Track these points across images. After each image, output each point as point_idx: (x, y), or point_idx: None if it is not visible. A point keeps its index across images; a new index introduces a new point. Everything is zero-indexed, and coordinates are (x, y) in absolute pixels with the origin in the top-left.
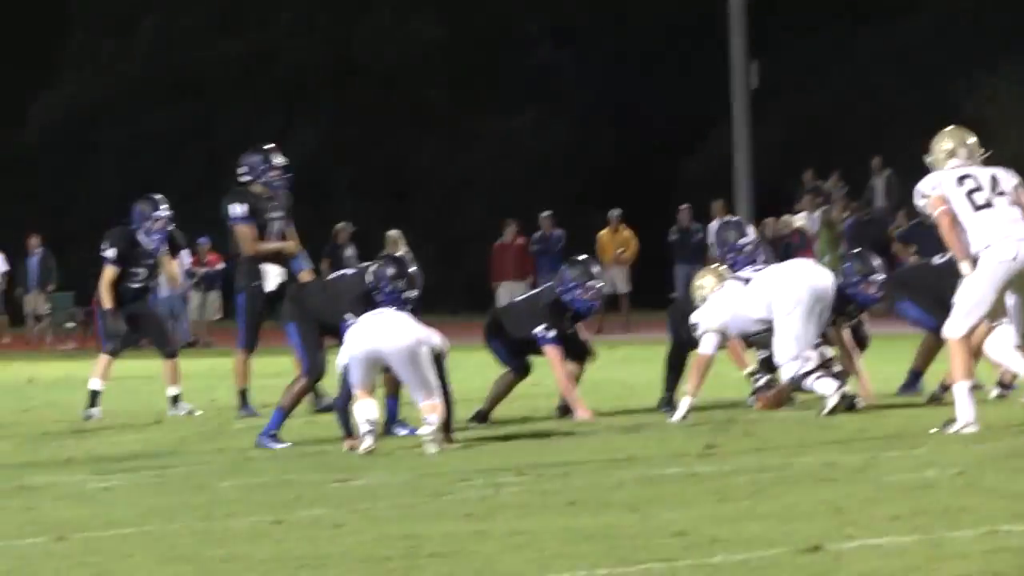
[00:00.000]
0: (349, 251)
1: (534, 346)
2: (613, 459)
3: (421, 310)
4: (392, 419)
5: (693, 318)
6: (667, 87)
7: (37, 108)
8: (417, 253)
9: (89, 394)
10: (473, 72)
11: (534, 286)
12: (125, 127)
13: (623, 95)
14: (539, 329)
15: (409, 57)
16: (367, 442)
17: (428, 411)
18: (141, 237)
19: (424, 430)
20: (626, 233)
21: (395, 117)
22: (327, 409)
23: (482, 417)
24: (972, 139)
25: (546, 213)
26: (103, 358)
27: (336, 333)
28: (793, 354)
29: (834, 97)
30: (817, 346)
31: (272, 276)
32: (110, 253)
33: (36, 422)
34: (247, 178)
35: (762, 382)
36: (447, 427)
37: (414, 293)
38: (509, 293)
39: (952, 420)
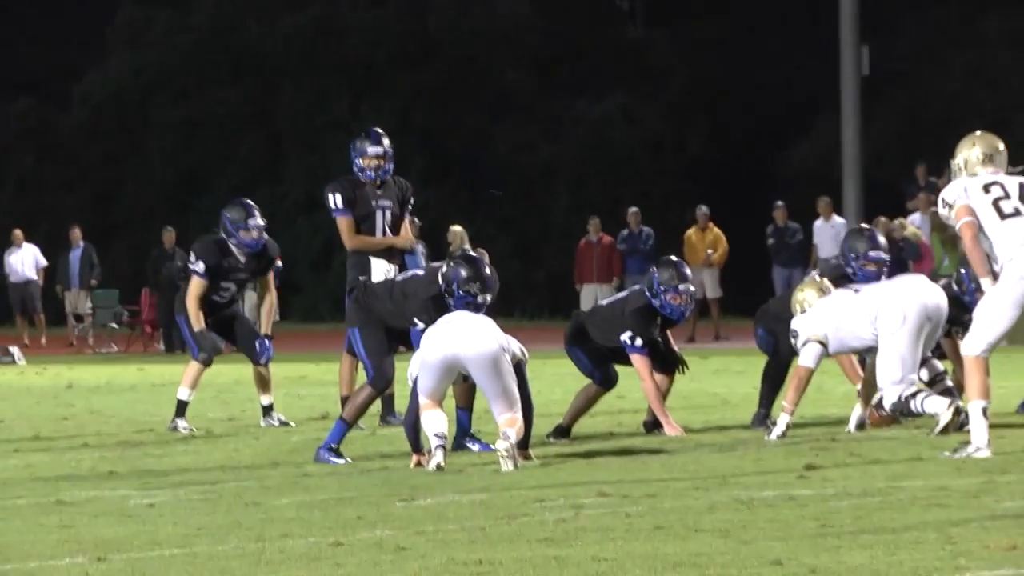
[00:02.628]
0: (419, 249)
1: (620, 355)
2: (704, 480)
3: (496, 313)
4: (464, 433)
5: (794, 325)
6: (769, 72)
7: (83, 88)
8: (493, 250)
9: (177, 404)
10: (558, 52)
11: (620, 289)
12: (177, 109)
13: (721, 80)
14: (625, 336)
15: (488, 34)
16: (436, 458)
17: (507, 424)
18: (232, 248)
19: (500, 445)
20: (715, 232)
21: (472, 101)
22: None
23: (563, 432)
24: (1002, 146)
25: (634, 209)
26: (194, 366)
27: (404, 339)
28: (897, 377)
29: (952, 85)
30: (926, 361)
31: (378, 271)
32: (200, 267)
33: (76, 432)
34: (355, 171)
35: (878, 397)
36: (524, 443)
37: (489, 297)
38: (593, 296)
39: (966, 443)
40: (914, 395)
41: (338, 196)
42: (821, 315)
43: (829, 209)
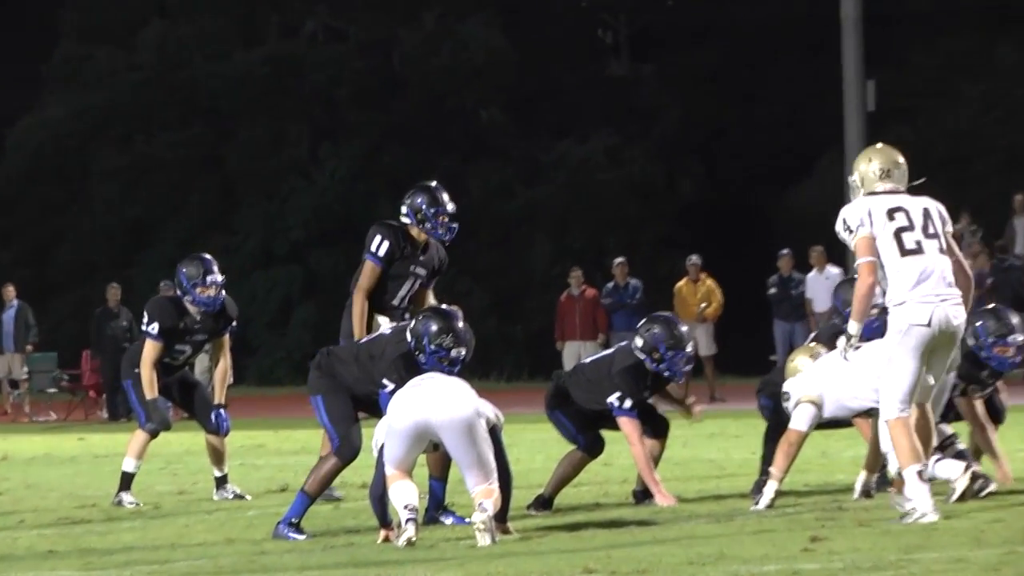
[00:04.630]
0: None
1: (606, 418)
2: (699, 554)
3: (471, 375)
4: (437, 505)
5: (786, 387)
6: (767, 109)
7: (16, 133)
8: (467, 305)
9: (122, 476)
10: (535, 89)
11: (607, 346)
12: (121, 154)
13: (714, 118)
14: (614, 398)
15: (459, 70)
16: (407, 532)
17: (483, 496)
18: (189, 307)
19: (476, 518)
20: (709, 284)
21: (442, 142)
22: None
23: (544, 503)
24: (901, 160)
25: (620, 259)
26: (140, 435)
27: (370, 405)
28: None
29: (966, 121)
30: (936, 424)
31: (381, 329)
32: (154, 329)
33: (11, 508)
34: (406, 220)
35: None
36: (503, 515)
37: (463, 352)
38: (576, 355)
39: (912, 511)
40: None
41: (385, 245)
42: (816, 375)
43: (822, 259)
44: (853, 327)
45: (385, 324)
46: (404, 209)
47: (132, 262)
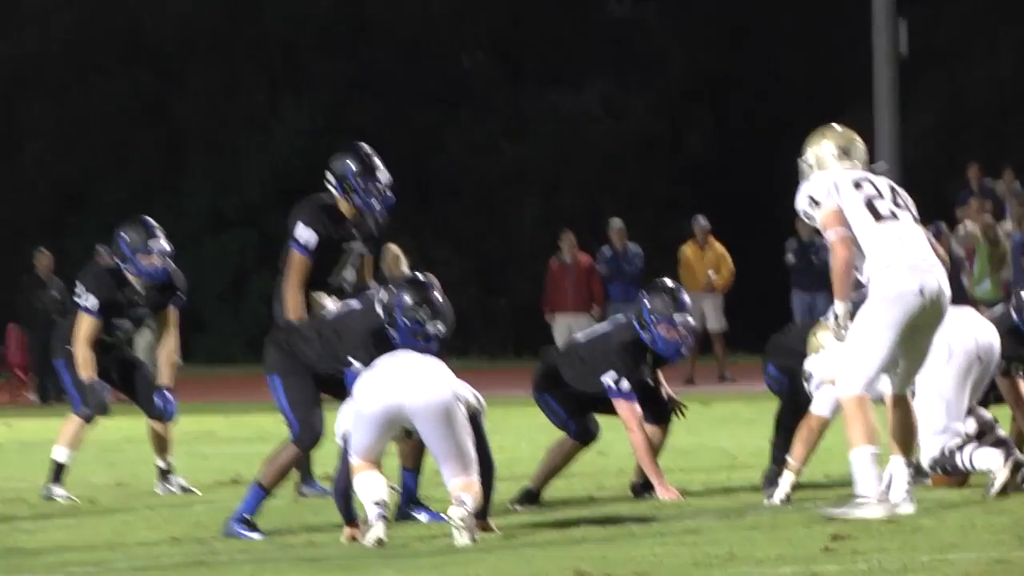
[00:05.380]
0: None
1: (601, 402)
2: (707, 555)
3: (449, 352)
4: (410, 499)
5: (807, 366)
6: (784, 54)
7: None
8: (446, 275)
9: (53, 467)
10: (524, 32)
11: (602, 320)
12: (53, 105)
13: (724, 64)
14: (608, 379)
15: (438, 11)
16: (375, 530)
17: (461, 489)
18: (130, 278)
19: (454, 513)
20: (718, 249)
21: (419, 92)
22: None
23: (531, 497)
24: (861, 142)
25: (618, 222)
26: (74, 421)
27: (334, 387)
28: (940, 426)
29: (1008, 68)
30: (972, 410)
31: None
32: (91, 302)
33: None
34: (334, 191)
35: (938, 451)
36: (484, 511)
37: (442, 328)
38: (568, 329)
39: (851, 497)
40: (960, 448)
41: (309, 235)
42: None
43: None
44: (840, 307)
45: (328, 303)
46: (329, 178)
47: (65, 226)
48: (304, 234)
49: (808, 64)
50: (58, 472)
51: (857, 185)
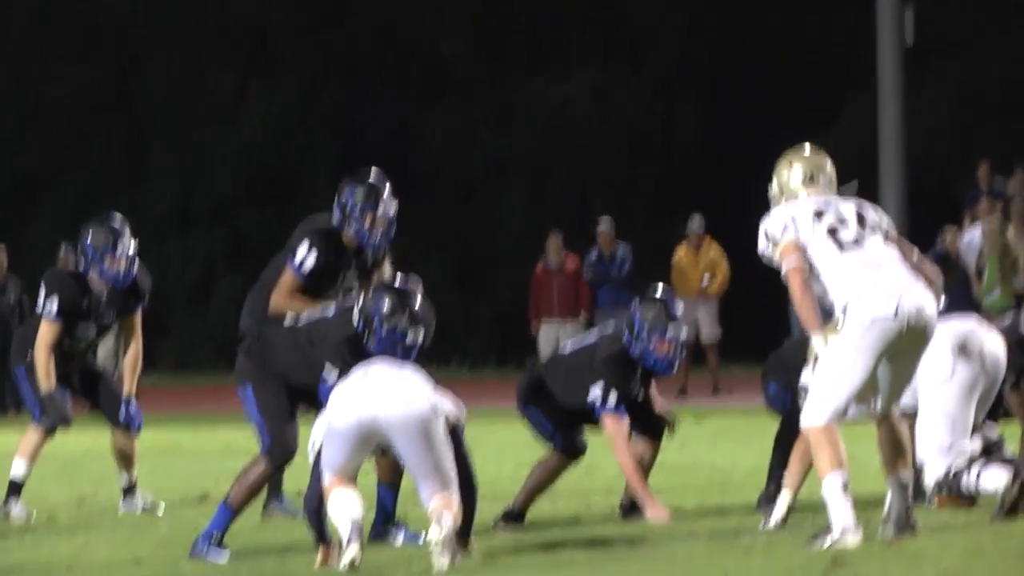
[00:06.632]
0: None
1: (589, 416)
2: None
3: (428, 361)
4: (386, 518)
5: (805, 379)
6: (783, 42)
7: None
8: (423, 277)
9: (9, 484)
10: (507, 16)
11: (590, 328)
12: (9, 93)
13: (720, 52)
14: (596, 392)
15: None
16: (349, 552)
17: (440, 508)
18: (94, 282)
19: (433, 534)
20: (714, 252)
21: (395, 79)
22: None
23: (515, 517)
24: (830, 166)
25: (605, 222)
26: (33, 433)
27: (309, 398)
28: (945, 444)
29: (1018, 56)
30: (977, 427)
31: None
32: (52, 307)
33: None
34: (337, 216)
35: (940, 472)
36: (465, 531)
37: (421, 334)
38: (554, 338)
39: (826, 530)
40: (967, 468)
41: (311, 260)
42: None
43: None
44: (817, 341)
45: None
46: (336, 200)
47: (21, 223)
48: (304, 256)
49: (809, 52)
50: (15, 488)
51: (818, 215)
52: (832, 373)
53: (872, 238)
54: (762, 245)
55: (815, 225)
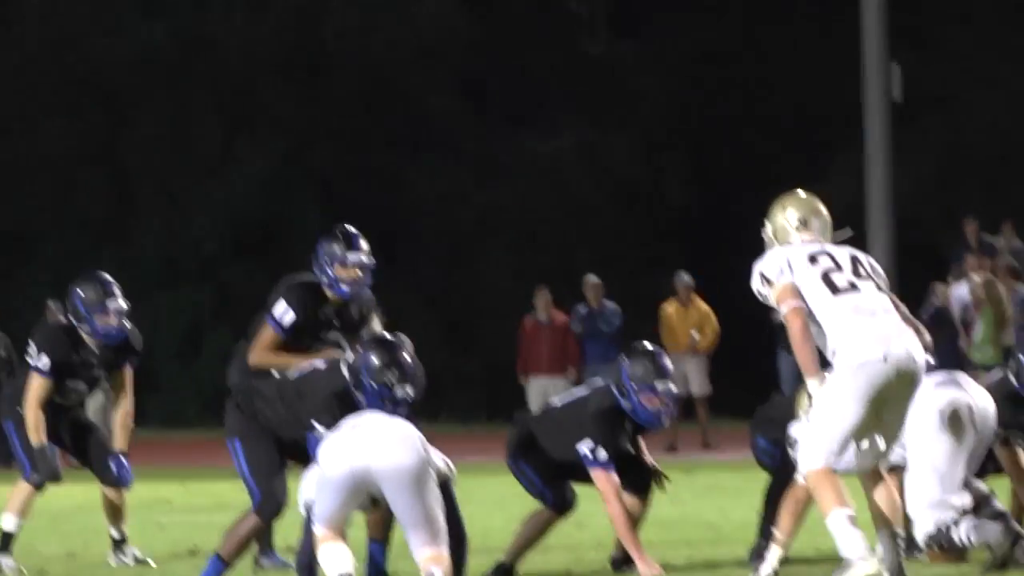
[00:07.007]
0: None
1: (578, 470)
2: None
3: (417, 415)
4: (377, 573)
5: (793, 432)
6: (770, 98)
7: None
8: (412, 333)
9: (0, 536)
10: (495, 70)
11: (579, 383)
12: None
13: (708, 107)
14: (585, 447)
15: (403, 47)
16: None
17: (431, 563)
18: (85, 338)
19: None
20: (702, 308)
21: (382, 134)
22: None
23: (505, 572)
24: (824, 212)
25: (593, 278)
26: (22, 487)
27: (298, 452)
28: (934, 500)
29: (1010, 112)
30: (967, 482)
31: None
32: (43, 363)
33: None
34: (317, 273)
35: (932, 526)
36: None
37: (411, 389)
38: (543, 393)
39: (846, 564)
40: (956, 523)
41: (290, 316)
42: None
43: None
44: (812, 384)
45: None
46: (316, 263)
47: (8, 277)
48: (284, 312)
49: (796, 108)
50: (6, 542)
51: (813, 259)
52: (825, 418)
53: (866, 284)
54: (756, 284)
55: (809, 268)
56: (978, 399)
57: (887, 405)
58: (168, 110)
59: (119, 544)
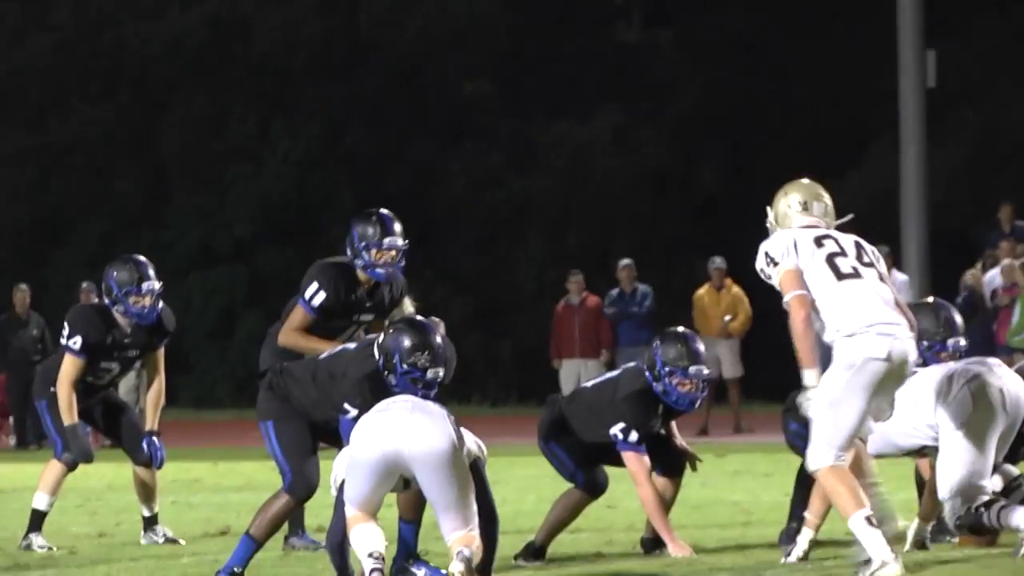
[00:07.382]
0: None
1: (610, 452)
2: None
3: (450, 398)
4: (408, 554)
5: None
6: (806, 84)
7: None
8: (446, 316)
9: (32, 515)
10: (530, 58)
11: (611, 366)
12: (31, 133)
13: (742, 95)
14: (617, 430)
15: (439, 35)
16: None
17: (462, 543)
18: (119, 318)
19: (455, 569)
20: (735, 292)
21: (418, 121)
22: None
23: (536, 553)
24: (827, 197)
25: (626, 261)
26: (55, 467)
27: (330, 434)
28: (964, 483)
29: None
30: (998, 466)
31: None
32: (77, 343)
33: None
34: (349, 256)
35: (961, 511)
36: (486, 567)
37: (442, 372)
38: (575, 375)
39: (867, 562)
40: (987, 506)
41: (321, 296)
42: None
43: (888, 261)
44: (809, 377)
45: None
46: (349, 245)
47: (44, 261)
48: (315, 292)
49: (831, 95)
50: (37, 521)
51: (819, 243)
52: (829, 414)
53: (869, 272)
54: (761, 263)
55: (815, 251)
56: (1009, 383)
57: (878, 393)
58: (203, 95)
59: (150, 523)
